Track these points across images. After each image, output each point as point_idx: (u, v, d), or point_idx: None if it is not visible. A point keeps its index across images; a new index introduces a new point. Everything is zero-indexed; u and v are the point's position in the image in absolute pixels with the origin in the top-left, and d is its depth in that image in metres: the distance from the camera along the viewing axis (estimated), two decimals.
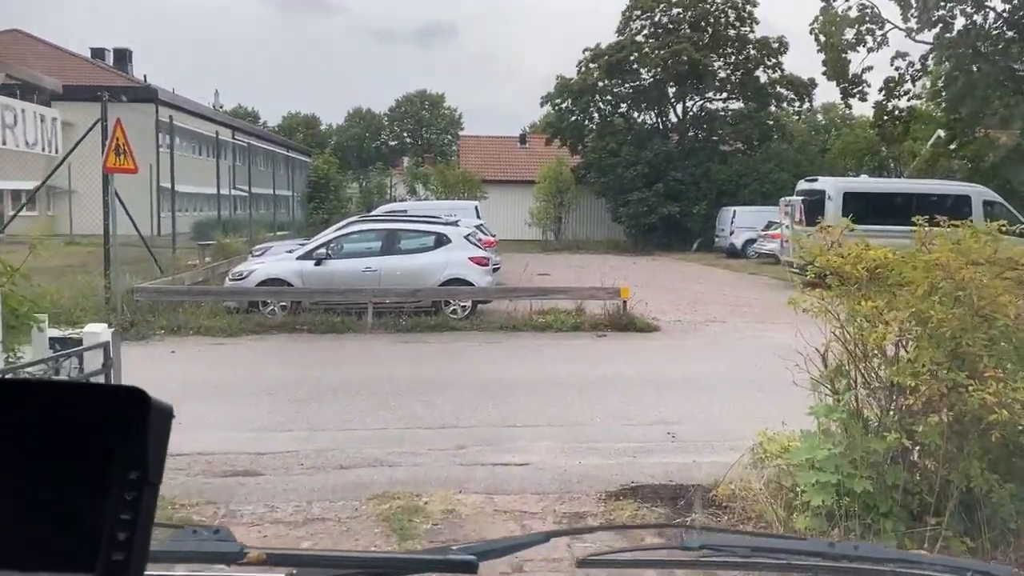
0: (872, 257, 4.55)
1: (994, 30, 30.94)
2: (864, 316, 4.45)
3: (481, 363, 10.58)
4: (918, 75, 33.19)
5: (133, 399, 0.67)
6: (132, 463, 0.66)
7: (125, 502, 0.65)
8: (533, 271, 22.59)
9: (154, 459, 0.67)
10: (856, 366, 4.81)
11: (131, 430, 0.66)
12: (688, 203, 35.66)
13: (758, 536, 1.86)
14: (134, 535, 0.65)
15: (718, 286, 21.71)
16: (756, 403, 8.39)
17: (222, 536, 1.22)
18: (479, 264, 14.35)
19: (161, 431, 0.68)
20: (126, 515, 0.65)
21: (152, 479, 0.67)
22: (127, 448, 0.66)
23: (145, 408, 0.66)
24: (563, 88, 39.03)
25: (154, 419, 0.67)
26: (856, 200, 21.18)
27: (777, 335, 13.39)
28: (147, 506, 0.67)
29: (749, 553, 1.26)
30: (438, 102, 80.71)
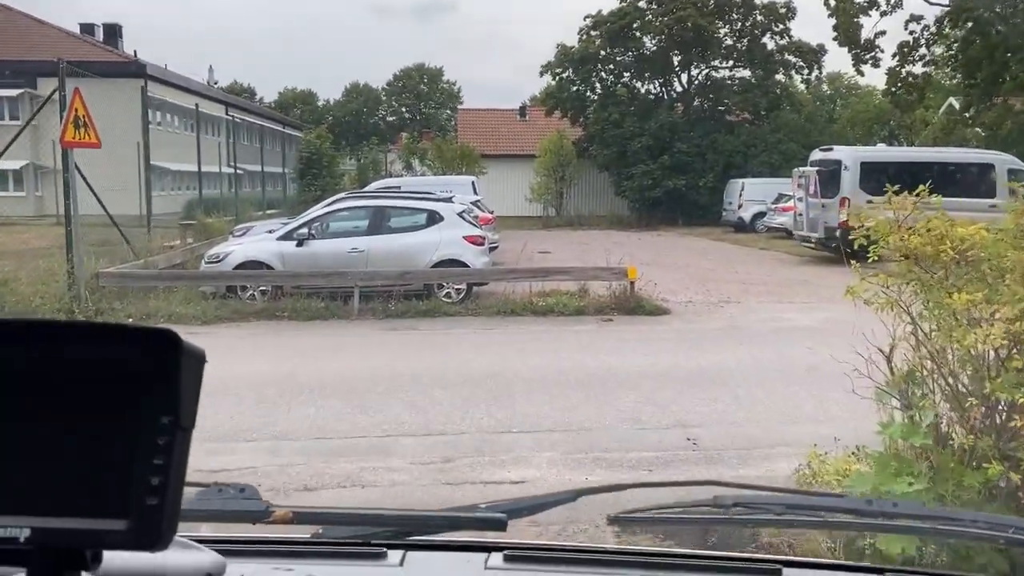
0: (960, 236, 3.50)
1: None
2: (954, 312, 3.40)
3: (475, 354, 9.58)
4: (934, 39, 31.84)
5: (166, 342, 0.66)
6: (164, 407, 0.66)
7: (158, 447, 0.65)
8: (533, 249, 21.54)
9: (187, 404, 0.67)
10: (939, 374, 3.77)
11: (163, 374, 0.65)
12: (694, 176, 34.48)
13: (793, 493, 1.48)
14: (168, 480, 0.65)
15: (728, 262, 20.66)
16: (786, 400, 7.40)
17: (248, 494, 1.19)
18: (474, 243, 13.30)
19: (194, 376, 0.67)
20: (159, 460, 0.65)
21: (185, 424, 0.67)
22: (159, 392, 0.66)
23: (177, 351, 0.66)
24: (564, 57, 37.71)
25: (186, 363, 0.66)
26: (874, 170, 20.04)
27: (798, 316, 12.38)
28: (180, 451, 0.66)
29: (784, 511, 1.22)
30: (436, 76, 79.19)
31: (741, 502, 1.25)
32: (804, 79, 39.23)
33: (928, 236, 3.63)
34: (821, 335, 10.60)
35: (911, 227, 3.82)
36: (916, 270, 3.75)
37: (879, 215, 4.09)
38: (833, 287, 16.00)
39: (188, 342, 0.67)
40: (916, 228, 3.78)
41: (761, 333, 10.93)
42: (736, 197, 31.43)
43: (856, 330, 10.33)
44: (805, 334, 10.73)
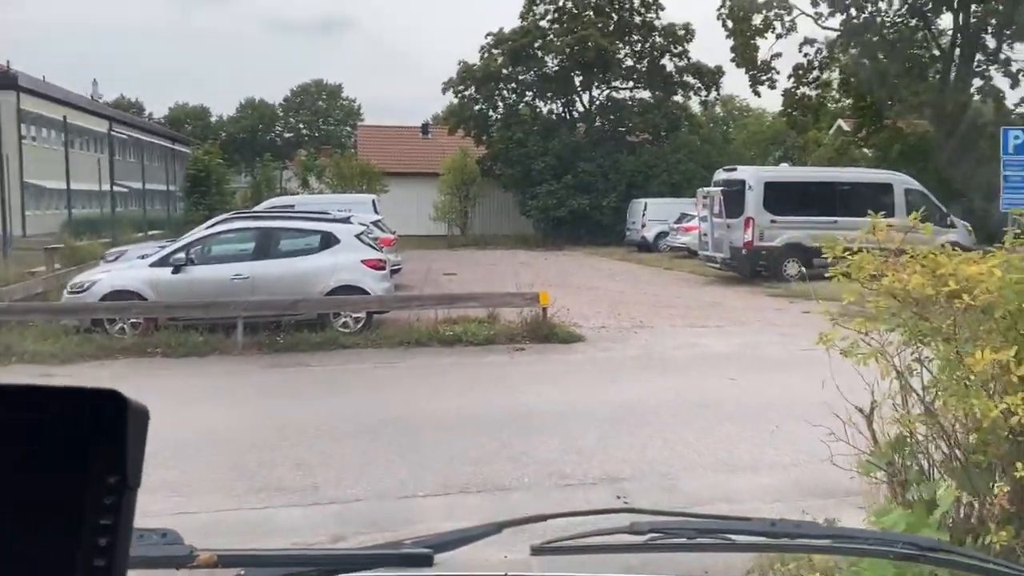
0: (970, 275, 2.81)
1: (898, 17, 30.69)
2: (971, 373, 2.68)
3: (375, 394, 8.57)
4: (827, 63, 32.69)
5: (109, 400, 0.66)
6: (110, 466, 0.66)
7: (105, 507, 0.65)
8: (439, 271, 20.68)
9: (133, 463, 0.67)
10: (945, 445, 3.06)
11: (108, 432, 0.66)
12: (598, 195, 34.33)
13: (705, 518, 1.48)
14: (116, 540, 0.65)
15: (636, 283, 20.25)
16: (719, 443, 6.71)
17: (171, 539, 1.19)
18: (374, 268, 12.28)
19: (139, 433, 0.68)
20: (107, 520, 0.65)
21: (131, 483, 0.67)
22: (105, 451, 0.66)
23: (122, 409, 0.66)
24: (466, 74, 37.06)
25: (132, 420, 0.66)
26: (777, 190, 20.08)
27: (713, 342, 11.85)
28: (127, 511, 0.67)
29: (696, 535, 1.29)
30: (335, 92, 77.43)
31: (657, 528, 1.30)
32: (702, 100, 39.78)
33: (929, 274, 2.92)
34: (740, 363, 10.09)
35: (902, 262, 3.13)
36: (911, 317, 3.02)
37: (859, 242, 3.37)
38: (742, 309, 15.80)
39: (133, 400, 0.66)
40: (907, 262, 3.09)
41: (679, 362, 10.32)
42: (639, 217, 31.35)
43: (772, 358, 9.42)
44: (724, 362, 10.20)
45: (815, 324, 11.80)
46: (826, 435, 3.81)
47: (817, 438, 6.77)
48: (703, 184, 27.89)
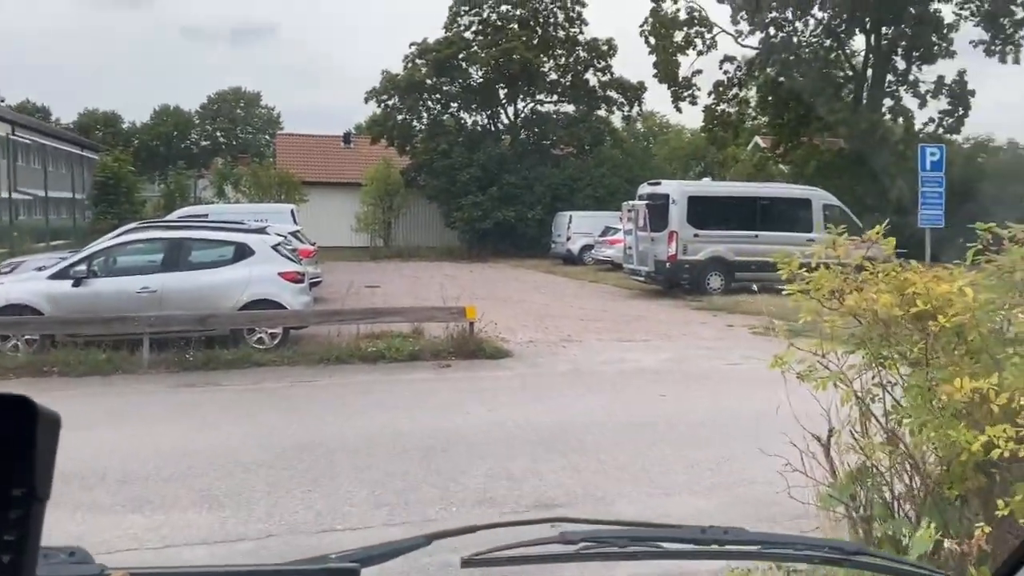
0: (941, 294, 2.59)
1: (814, 37, 31.55)
2: (953, 405, 2.44)
3: (291, 416, 8.05)
4: (745, 80, 33.38)
5: (18, 407, 0.62)
6: (17, 479, 0.62)
7: (10, 521, 0.61)
8: (361, 283, 20.08)
9: (42, 474, 0.63)
10: (922, 479, 2.82)
11: (15, 443, 0.61)
12: (523, 208, 34.25)
13: (636, 526, 1.47)
14: (21, 558, 0.61)
15: (562, 296, 20.09)
16: (654, 464, 6.47)
17: (79, 557, 1.11)
18: (291, 280, 11.72)
19: (49, 443, 0.63)
20: (10, 536, 0.61)
21: (40, 495, 0.63)
22: (11, 462, 0.62)
23: (32, 418, 0.62)
24: (389, 84, 36.52)
25: (42, 429, 0.62)
26: (700, 204, 20.24)
27: (641, 357, 11.68)
28: (35, 525, 0.62)
29: (628, 543, 1.30)
30: (254, 100, 75.58)
31: (588, 536, 1.29)
32: (624, 116, 40.12)
33: (895, 293, 2.69)
34: (669, 379, 9.95)
35: (863, 279, 2.90)
36: (877, 339, 2.79)
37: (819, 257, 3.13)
38: (668, 322, 15.76)
39: (43, 406, 0.62)
40: (871, 279, 2.87)
41: (608, 377, 10.10)
42: (564, 229, 31.36)
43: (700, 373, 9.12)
44: (653, 378, 10.05)
45: (739, 337, 11.86)
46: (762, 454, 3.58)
47: (753, 458, 6.61)
48: (627, 197, 28.04)
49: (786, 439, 6.86)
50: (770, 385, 9.69)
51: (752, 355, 11.80)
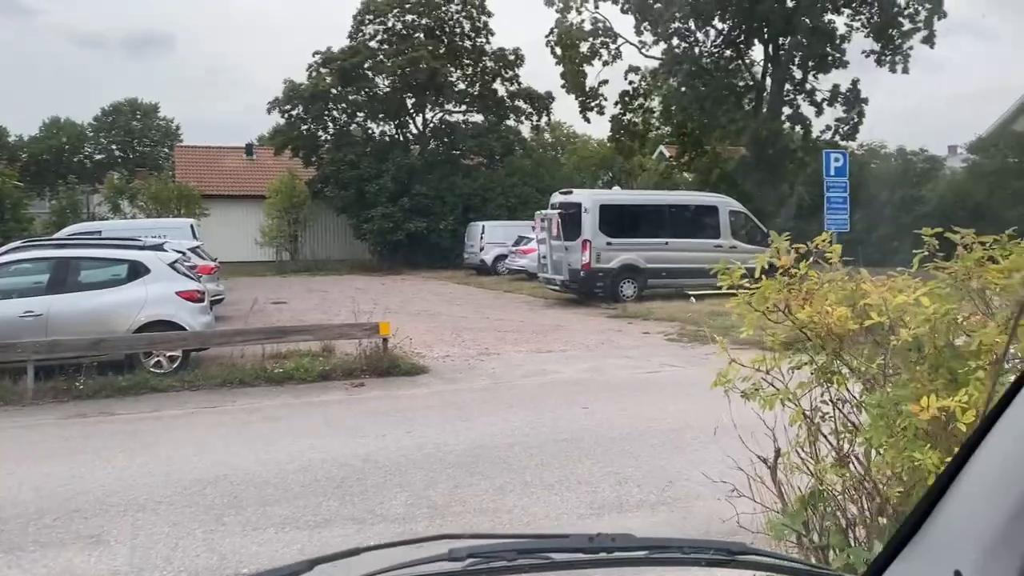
0: (897, 305, 2.42)
1: (715, 48, 32.31)
2: (914, 425, 2.26)
3: (192, 447, 7.49)
4: (650, 90, 33.92)
5: None
6: None
7: None
8: (267, 300, 19.34)
9: None
10: (882, 503, 2.63)
11: None
12: (435, 218, 33.93)
13: (524, 538, 1.44)
14: None
15: (477, 307, 19.81)
16: (581, 483, 6.23)
17: None
18: (191, 299, 11.06)
19: None
20: None
21: None
22: None
23: None
24: (293, 94, 35.60)
25: None
26: (612, 212, 20.34)
27: (561, 368, 11.49)
28: None
29: (515, 556, 1.29)
30: (151, 112, 72.58)
31: (476, 552, 1.27)
32: (533, 125, 40.20)
33: (843, 305, 2.51)
34: (591, 390, 9.79)
35: (810, 289, 2.72)
36: (829, 355, 2.60)
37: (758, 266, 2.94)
38: (585, 331, 15.65)
39: None
40: (821, 291, 2.69)
41: (529, 391, 9.86)
42: (477, 240, 31.15)
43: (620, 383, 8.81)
44: (574, 389, 9.86)
45: (656, 345, 11.74)
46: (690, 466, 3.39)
47: (681, 472, 6.46)
48: (538, 207, 28.03)
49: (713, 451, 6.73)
50: (691, 393, 9.63)
51: (670, 362, 11.81)
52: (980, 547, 1.00)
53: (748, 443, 3.57)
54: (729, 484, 3.36)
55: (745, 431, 3.96)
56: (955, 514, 1.07)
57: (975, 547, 1.01)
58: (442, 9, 37.20)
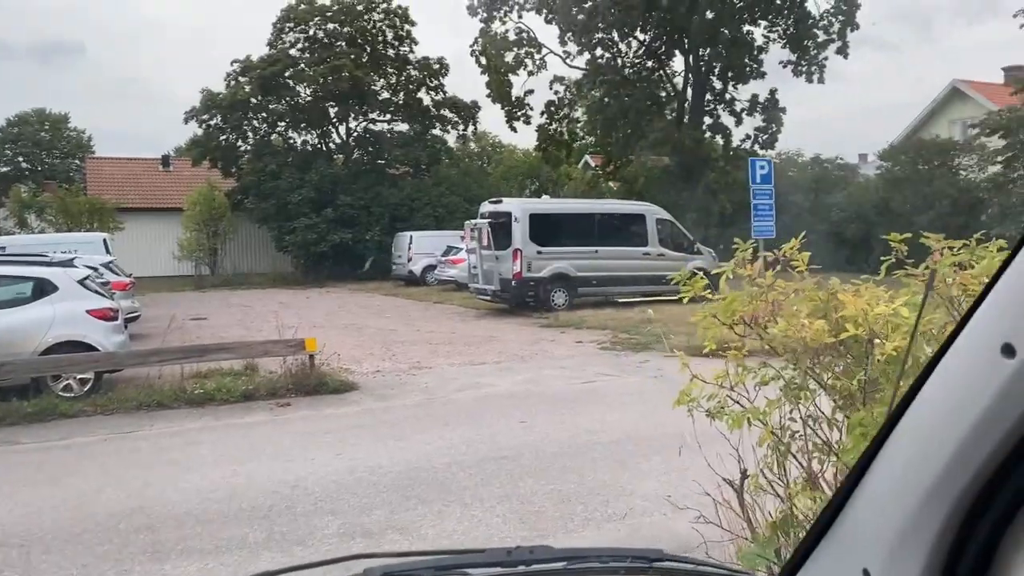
0: (876, 316, 2.26)
1: (636, 58, 32.70)
2: None
3: (105, 476, 6.97)
4: (575, 100, 34.10)
5: None
6: None
7: None
8: (186, 316, 18.57)
9: None
10: None
11: None
12: (361, 229, 33.34)
13: (441, 555, 1.41)
14: None
15: (407, 319, 19.44)
16: (525, 501, 6.00)
17: None
18: (103, 318, 10.43)
19: None
20: None
21: None
22: None
23: None
24: (211, 103, 34.56)
25: None
26: (542, 221, 20.25)
27: (496, 381, 11.25)
28: None
29: (432, 573, 1.27)
30: (61, 123, 69.59)
31: (391, 571, 1.26)
32: (460, 135, 39.94)
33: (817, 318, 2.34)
34: (527, 404, 9.57)
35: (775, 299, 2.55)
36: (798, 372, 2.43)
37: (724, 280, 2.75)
38: (518, 342, 15.45)
39: None
40: (788, 301, 2.52)
41: (465, 407, 9.58)
42: (405, 250, 30.73)
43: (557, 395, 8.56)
44: (510, 403, 9.63)
45: (590, 354, 11.58)
46: (633, 480, 3.21)
47: (623, 487, 6.29)
48: (466, 216, 27.80)
49: (656, 464, 6.57)
50: (628, 404, 9.49)
51: (605, 372, 11.70)
52: (887, 545, 1.00)
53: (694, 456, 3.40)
54: (676, 501, 3.16)
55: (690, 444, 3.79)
56: (863, 513, 1.07)
57: (882, 545, 1.01)
58: (364, 18, 36.71)
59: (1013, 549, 0.90)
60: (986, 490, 0.90)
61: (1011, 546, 0.91)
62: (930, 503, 0.93)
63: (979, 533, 0.92)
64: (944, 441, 0.90)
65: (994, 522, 0.91)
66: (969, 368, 0.88)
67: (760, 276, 2.60)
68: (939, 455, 0.91)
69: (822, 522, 1.14)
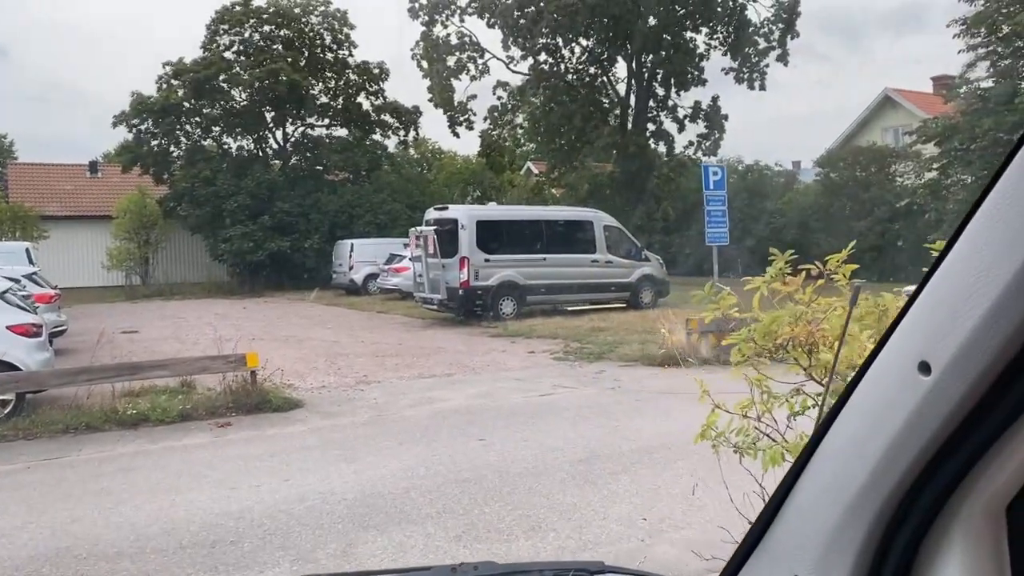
0: None
1: (580, 64, 32.64)
2: None
3: (28, 511, 6.32)
4: (518, 105, 33.86)
5: None
6: None
7: None
8: (116, 329, 17.68)
9: None
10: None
11: None
12: (299, 237, 32.48)
13: (385, 574, 1.74)
14: None
15: (351, 330, 18.84)
16: (493, 529, 5.61)
17: None
18: (25, 334, 9.69)
19: None
20: None
21: None
22: None
23: None
24: (141, 107, 33.29)
25: None
26: (489, 228, 19.88)
27: (449, 394, 10.81)
28: None
29: None
30: None
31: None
32: (400, 141, 39.31)
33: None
34: (484, 419, 9.17)
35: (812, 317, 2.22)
36: None
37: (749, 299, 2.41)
38: (469, 352, 14.99)
39: None
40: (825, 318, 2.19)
41: (419, 423, 9.12)
42: (346, 259, 30.00)
43: (515, 409, 8.09)
44: (466, 419, 9.22)
45: (543, 364, 11.13)
46: (605, 502, 2.85)
47: (592, 511, 5.94)
48: (409, 223, 27.28)
49: (625, 483, 6.23)
50: (588, 417, 9.13)
51: (562, 383, 11.37)
52: (815, 553, 1.02)
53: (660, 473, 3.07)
54: (653, 524, 2.81)
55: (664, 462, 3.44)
56: (792, 523, 1.09)
57: (810, 553, 1.03)
58: (302, 21, 35.91)
59: (930, 556, 0.93)
60: (906, 500, 0.93)
61: (929, 553, 0.94)
62: (854, 512, 0.96)
63: (900, 541, 0.95)
64: (867, 454, 0.93)
65: (914, 530, 0.94)
66: (889, 384, 0.90)
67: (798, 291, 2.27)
68: (862, 467, 0.93)
69: (755, 533, 1.13)
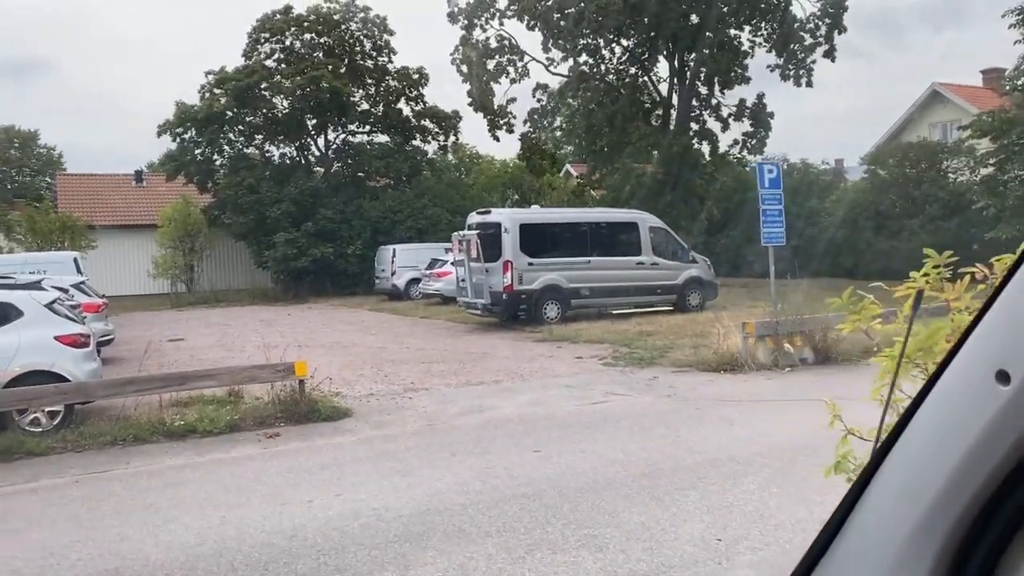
0: None
1: (620, 65, 32.20)
2: None
3: (76, 528, 6.16)
4: (559, 107, 33.52)
5: None
6: None
7: None
8: (162, 338, 17.72)
9: None
10: None
11: None
12: (342, 243, 32.52)
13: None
14: None
15: (396, 336, 18.67)
16: (559, 549, 5.30)
17: None
18: (73, 345, 9.61)
19: None
20: None
21: None
22: None
23: None
24: (185, 116, 33.63)
25: None
26: (532, 231, 19.58)
27: (499, 403, 10.49)
28: None
29: None
30: (31, 140, 68.17)
31: None
32: (440, 145, 39.22)
33: None
34: (538, 429, 8.84)
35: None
36: None
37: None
38: (515, 359, 14.67)
39: None
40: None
41: (470, 433, 8.84)
42: (388, 264, 29.95)
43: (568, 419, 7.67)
44: (520, 429, 8.91)
45: (593, 371, 10.66)
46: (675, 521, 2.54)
47: (665, 528, 5.58)
48: (450, 228, 27.09)
49: (694, 500, 5.84)
50: (648, 428, 8.71)
51: (615, 391, 11.00)
52: (886, 564, 0.99)
53: (732, 489, 2.71)
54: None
55: (733, 475, 3.09)
56: (862, 532, 1.05)
57: (882, 564, 1.00)
58: (342, 28, 36.04)
59: (1011, 569, 0.89)
60: (985, 510, 0.89)
61: (1008, 571, 0.89)
62: (927, 526, 0.92)
63: (977, 558, 0.91)
64: (941, 464, 0.89)
65: (991, 546, 0.90)
66: (964, 393, 0.87)
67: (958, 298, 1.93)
68: (936, 478, 0.90)
69: (822, 541, 1.10)
